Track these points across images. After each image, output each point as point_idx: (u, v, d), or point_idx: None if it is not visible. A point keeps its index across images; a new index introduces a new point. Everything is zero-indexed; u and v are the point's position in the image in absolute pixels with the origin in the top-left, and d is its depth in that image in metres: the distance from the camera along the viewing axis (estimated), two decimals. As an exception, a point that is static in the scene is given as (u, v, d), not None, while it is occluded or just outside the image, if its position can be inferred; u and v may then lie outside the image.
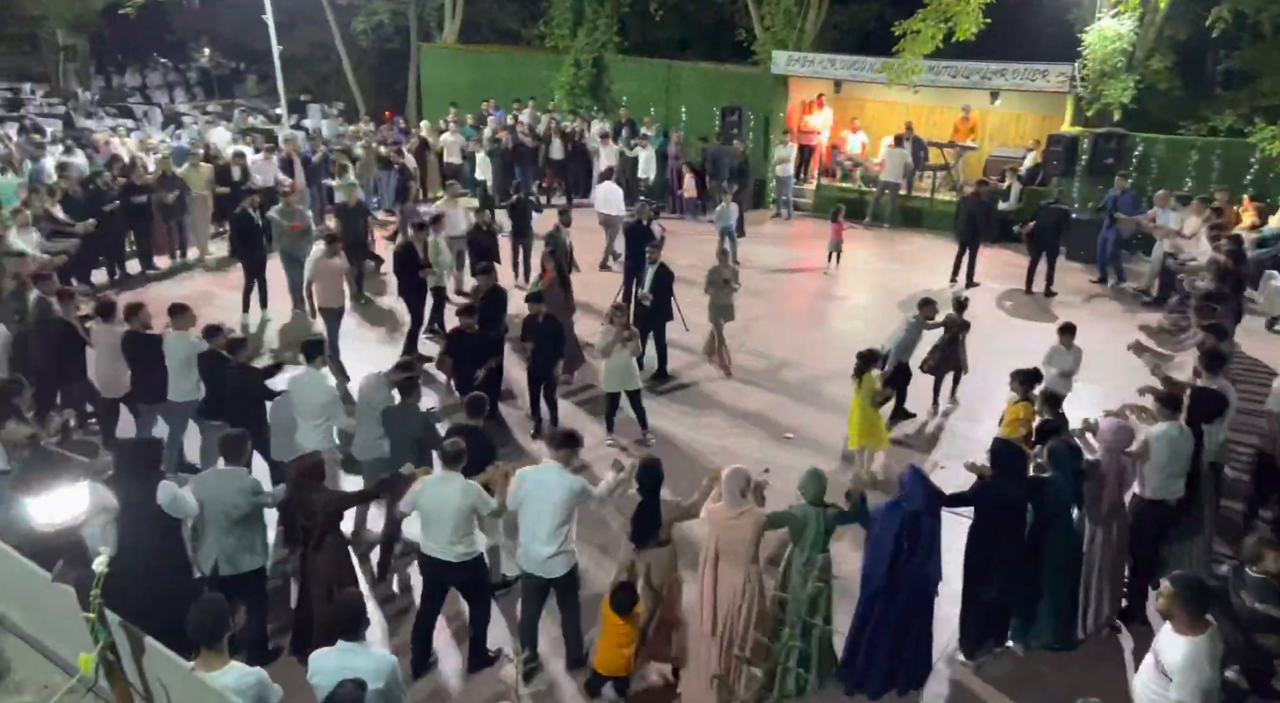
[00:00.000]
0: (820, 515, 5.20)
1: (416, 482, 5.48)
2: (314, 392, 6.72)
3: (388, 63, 25.65)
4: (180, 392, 7.47)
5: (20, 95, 24.48)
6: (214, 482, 5.48)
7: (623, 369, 8.20)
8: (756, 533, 5.07)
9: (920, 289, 12.99)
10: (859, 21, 20.41)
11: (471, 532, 5.42)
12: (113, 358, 7.71)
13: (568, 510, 5.32)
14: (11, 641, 4.35)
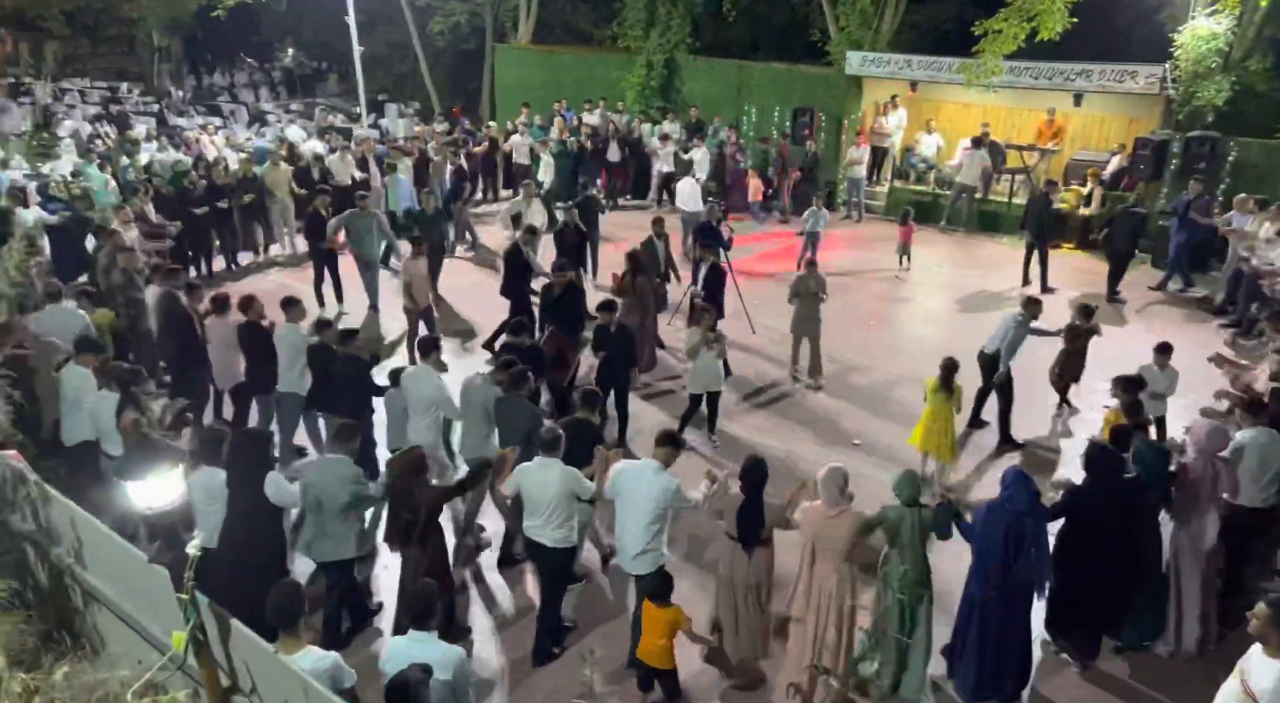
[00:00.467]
0: (915, 517, 5.19)
1: (516, 466, 5.65)
2: (425, 386, 6.83)
3: (463, 63, 26.11)
4: (288, 382, 7.72)
5: (118, 94, 25.62)
6: (319, 469, 5.66)
7: (709, 371, 8.21)
8: (853, 533, 5.11)
9: (993, 294, 12.83)
10: (936, 21, 20.02)
11: (571, 518, 5.56)
12: (226, 349, 8.03)
13: (660, 510, 5.34)
14: (107, 616, 4.60)
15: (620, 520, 5.49)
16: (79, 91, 25.13)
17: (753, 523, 5.27)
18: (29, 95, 24.53)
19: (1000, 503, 5.18)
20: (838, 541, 5.10)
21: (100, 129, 19.60)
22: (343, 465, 5.58)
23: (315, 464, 5.78)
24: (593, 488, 5.57)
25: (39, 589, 4.83)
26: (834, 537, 5.11)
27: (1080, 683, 5.69)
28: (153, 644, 4.33)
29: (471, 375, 6.92)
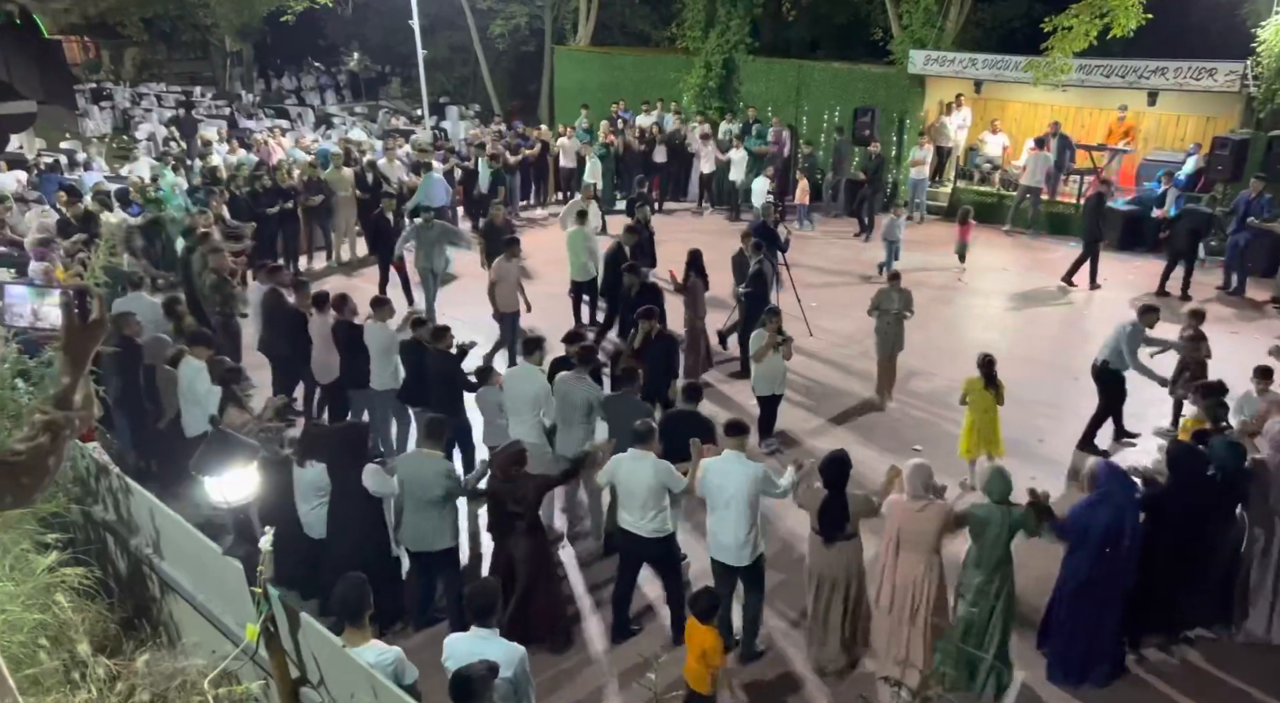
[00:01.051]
0: (1004, 515, 5.16)
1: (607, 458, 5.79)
2: (527, 385, 6.85)
3: (522, 65, 26.40)
4: (380, 380, 7.90)
5: (191, 98, 26.50)
6: (413, 463, 5.79)
7: (776, 373, 8.17)
8: (940, 526, 5.16)
9: (1058, 299, 12.50)
10: (1004, 19, 19.57)
11: (665, 509, 5.65)
12: (324, 346, 8.24)
13: (754, 497, 5.39)
14: (182, 606, 4.76)
15: (716, 516, 5.51)
16: (155, 96, 26.08)
17: (837, 517, 5.29)
18: (109, 99, 25.53)
19: (1098, 498, 5.21)
20: (924, 534, 5.15)
21: (173, 132, 20.29)
22: (434, 460, 5.72)
23: (407, 459, 5.92)
24: (685, 482, 5.63)
25: (119, 578, 5.02)
26: (920, 530, 5.16)
27: (1153, 670, 5.72)
28: (225, 634, 4.47)
29: (565, 376, 6.90)
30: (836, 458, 5.38)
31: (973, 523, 5.24)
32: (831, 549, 5.36)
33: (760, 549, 5.57)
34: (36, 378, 4.80)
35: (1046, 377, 9.87)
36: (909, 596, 5.26)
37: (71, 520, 4.95)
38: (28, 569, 3.75)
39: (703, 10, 19.41)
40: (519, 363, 7.10)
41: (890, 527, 5.30)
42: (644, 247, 10.86)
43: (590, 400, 6.71)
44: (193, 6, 26.37)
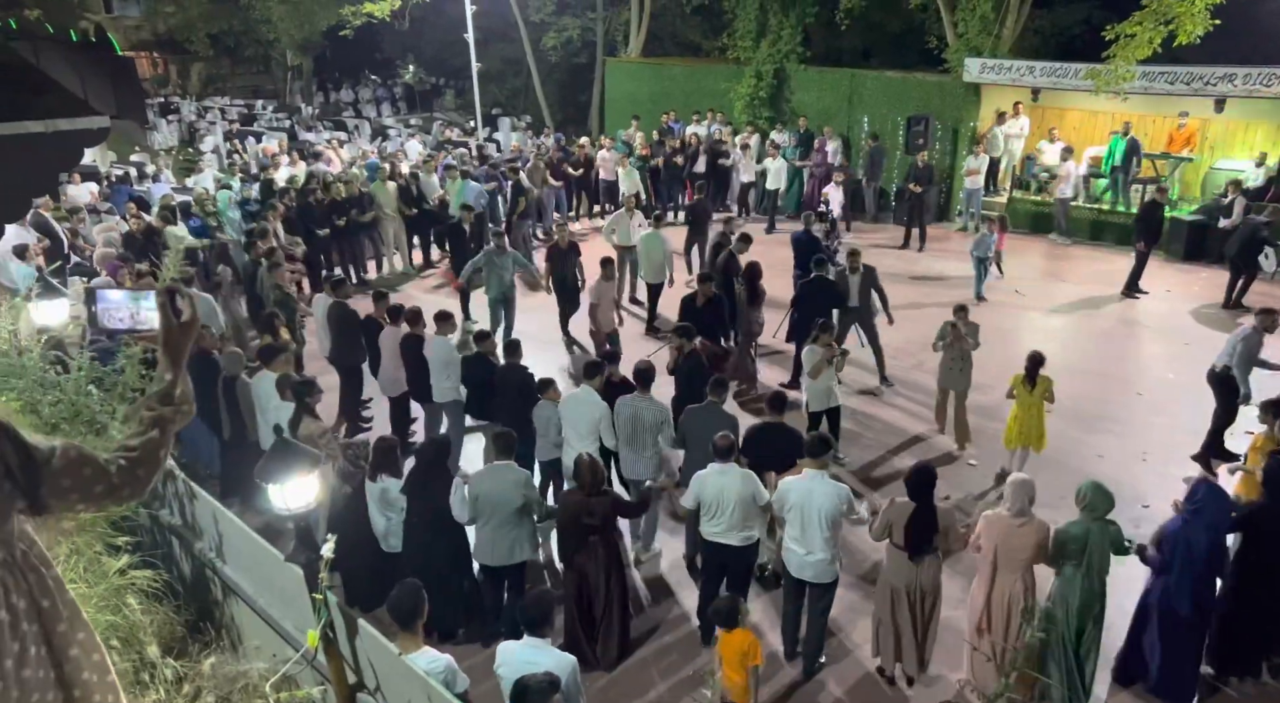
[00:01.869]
0: (1103, 532, 5.06)
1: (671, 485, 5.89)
2: (588, 409, 6.79)
3: (574, 76, 26.66)
4: (441, 392, 8.01)
5: (254, 111, 27.29)
6: (489, 478, 5.82)
7: (828, 389, 8.06)
8: (1039, 542, 5.10)
9: (1117, 308, 12.17)
10: (1063, 25, 19.18)
11: (754, 518, 5.70)
12: (393, 359, 8.36)
13: (836, 518, 5.39)
14: (243, 609, 4.87)
15: (795, 534, 5.50)
16: (219, 109, 26.90)
17: (925, 531, 5.22)
18: (175, 113, 26.41)
19: (1192, 515, 5.12)
20: (1023, 550, 5.09)
21: (235, 145, 20.88)
22: (510, 470, 5.80)
23: (483, 474, 5.93)
24: (769, 496, 5.66)
25: (183, 581, 5.16)
26: (1020, 546, 5.10)
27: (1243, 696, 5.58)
28: (284, 638, 4.57)
29: (632, 397, 6.80)
30: (923, 470, 5.33)
31: (1070, 540, 5.11)
32: (915, 564, 5.28)
33: (838, 569, 5.56)
34: (109, 385, 4.98)
35: (1106, 391, 9.64)
36: (1005, 613, 5.20)
37: (139, 524, 5.11)
38: (100, 571, 3.89)
39: (754, 20, 19.39)
40: (580, 386, 7.01)
41: (987, 544, 5.22)
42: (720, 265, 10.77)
43: (662, 420, 6.66)
44: (256, 22, 27.21)
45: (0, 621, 1.84)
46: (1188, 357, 9.91)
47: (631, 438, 6.75)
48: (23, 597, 1.90)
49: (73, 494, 1.94)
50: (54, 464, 1.89)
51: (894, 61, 20.38)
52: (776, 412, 6.39)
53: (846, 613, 6.23)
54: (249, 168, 16.44)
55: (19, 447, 1.86)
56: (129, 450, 2.06)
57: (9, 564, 1.89)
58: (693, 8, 22.53)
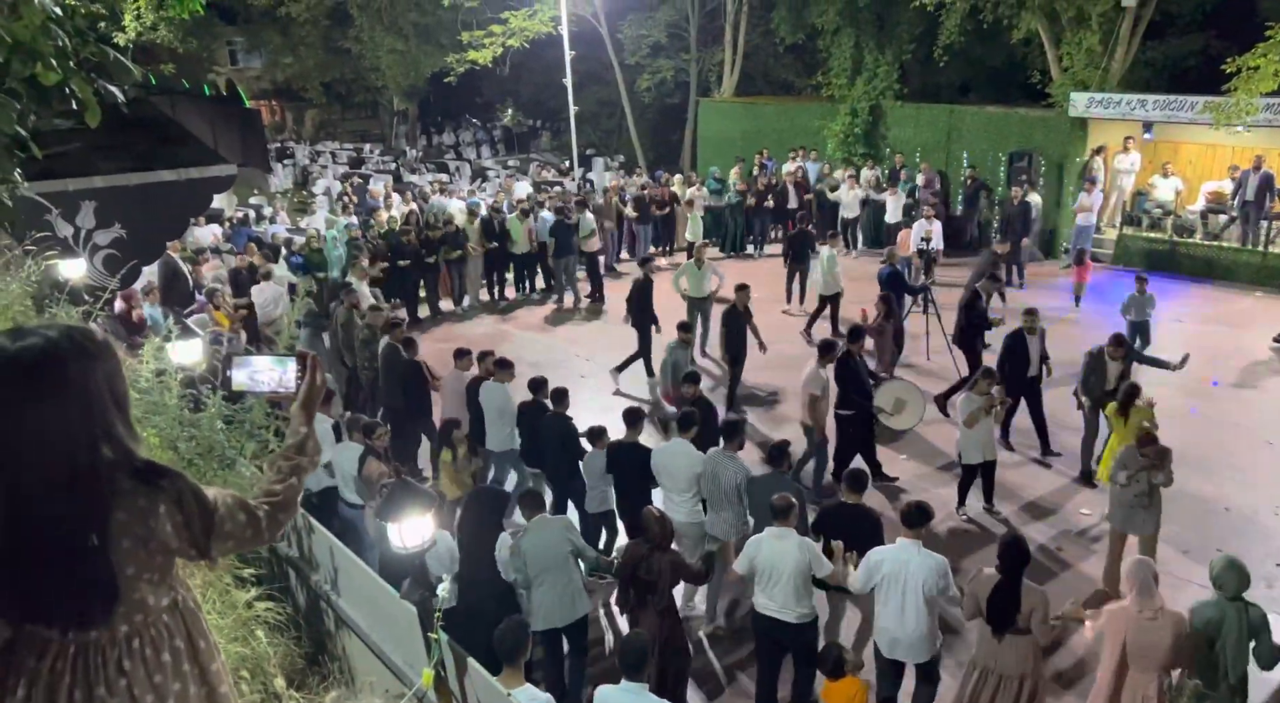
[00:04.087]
0: (1240, 614, 4.53)
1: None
2: (685, 461, 6.52)
3: (666, 116, 27.06)
4: (496, 440, 7.93)
5: (361, 154, 28.65)
6: (533, 533, 5.61)
7: (986, 439, 7.65)
8: (1178, 636, 4.52)
9: (1242, 354, 11.47)
10: (1176, 57, 18.44)
11: (810, 593, 5.37)
12: (456, 402, 8.28)
13: (931, 592, 5.07)
14: (355, 643, 5.03)
15: (889, 610, 5.17)
16: (330, 153, 28.33)
17: (1007, 607, 4.81)
18: (290, 157, 27.94)
19: None
20: (1158, 648, 4.52)
21: (347, 187, 21.89)
22: (551, 521, 5.70)
23: (525, 533, 5.68)
24: (830, 568, 5.36)
25: (300, 613, 5.36)
26: (1153, 644, 4.53)
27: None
28: (394, 673, 4.69)
29: (714, 452, 6.58)
30: (1015, 542, 4.92)
31: (1204, 625, 4.59)
32: (1002, 643, 4.86)
33: (938, 645, 5.22)
34: (238, 423, 5.26)
35: (1235, 440, 9.09)
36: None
37: (260, 556, 5.35)
38: (229, 603, 4.09)
39: (849, 58, 19.36)
40: (673, 438, 6.81)
41: (1113, 641, 4.70)
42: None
43: (738, 482, 6.37)
44: (366, 70, 28.66)
45: (165, 663, 1.97)
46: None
47: (711, 496, 6.49)
48: (183, 639, 2.03)
49: (231, 541, 2.08)
50: (219, 513, 2.02)
51: (994, 96, 19.99)
52: (855, 491, 5.90)
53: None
54: (359, 210, 17.20)
55: (199, 498, 1.99)
56: (272, 496, 2.20)
57: (173, 609, 2.02)
58: (786, 47, 22.65)
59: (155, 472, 1.97)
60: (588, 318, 14.51)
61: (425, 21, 26.82)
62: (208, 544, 2.01)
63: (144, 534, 1.92)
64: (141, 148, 8.51)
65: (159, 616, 1.99)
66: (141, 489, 1.93)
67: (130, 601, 1.91)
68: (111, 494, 1.88)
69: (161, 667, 1.97)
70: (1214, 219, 15.02)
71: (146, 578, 1.94)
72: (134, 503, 1.91)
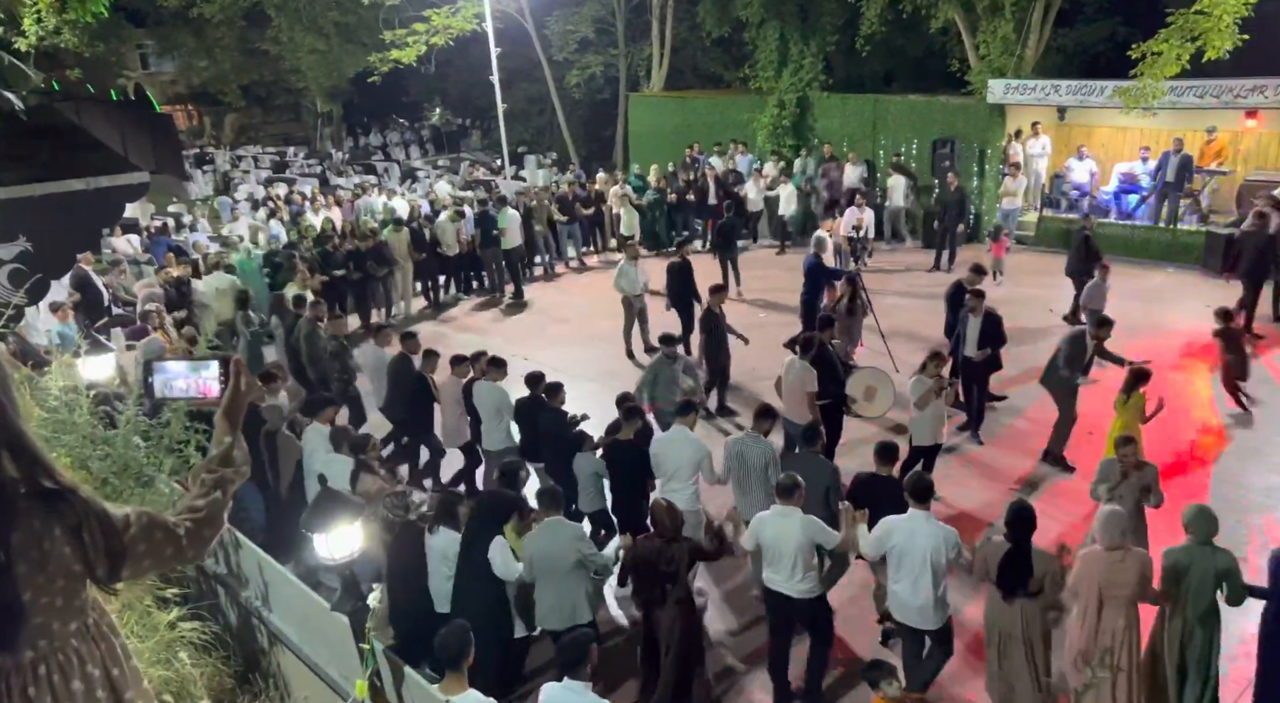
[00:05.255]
0: (1209, 559, 4.86)
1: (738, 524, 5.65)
2: (685, 449, 6.48)
3: (598, 112, 27.03)
4: (493, 441, 7.77)
5: (285, 158, 27.95)
6: (543, 535, 5.52)
7: (937, 421, 7.78)
8: (1142, 573, 4.91)
9: (1167, 329, 11.92)
10: (1087, 43, 19.11)
11: (815, 568, 5.45)
12: (456, 409, 8.10)
13: (943, 561, 5.18)
14: (289, 658, 4.90)
15: (901, 578, 5.29)
16: (253, 157, 27.59)
17: (1019, 571, 4.99)
18: (210, 163, 27.12)
19: None
20: (1125, 585, 4.90)
21: (271, 192, 21.35)
22: (563, 526, 5.57)
23: (536, 533, 5.59)
24: (837, 538, 5.46)
25: (230, 631, 5.20)
26: (1121, 581, 4.90)
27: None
28: (330, 686, 4.58)
29: (740, 436, 6.60)
30: (1022, 510, 5.07)
31: (1174, 569, 4.95)
32: (1012, 606, 5.05)
33: (949, 611, 5.36)
34: (155, 438, 5.07)
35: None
36: (1112, 652, 5.00)
37: (186, 575, 5.17)
38: (151, 625, 3.94)
39: (775, 50, 19.55)
40: (673, 427, 6.70)
41: (1088, 582, 5.00)
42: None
43: (768, 460, 6.36)
44: (286, 72, 27.96)
45: (75, 690, 1.88)
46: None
47: (741, 479, 6.47)
48: (96, 666, 1.93)
49: (146, 560, 1.99)
50: (130, 533, 1.93)
51: (916, 86, 20.42)
52: (886, 463, 6.00)
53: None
54: (282, 214, 16.75)
55: (102, 519, 1.90)
56: (195, 512, 2.11)
57: (83, 634, 1.92)
58: (713, 40, 22.79)
59: (53, 493, 1.88)
60: (527, 317, 14.39)
61: (346, 20, 26.28)
62: (116, 567, 1.91)
63: (39, 557, 1.83)
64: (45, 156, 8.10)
65: (67, 641, 1.90)
66: (37, 510, 1.84)
67: (33, 625, 1.82)
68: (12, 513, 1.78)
69: (71, 695, 1.89)
70: (1127, 199, 15.58)
71: (46, 603, 1.85)
72: (29, 524, 1.82)
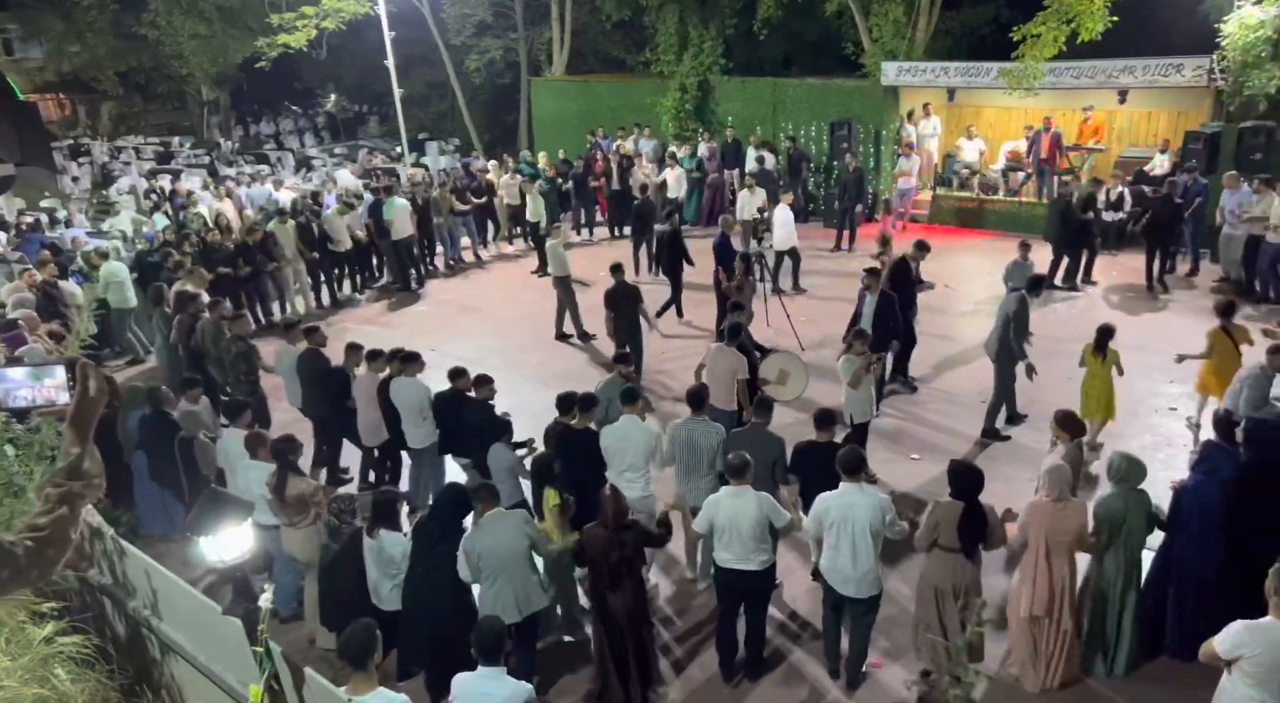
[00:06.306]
0: (1141, 503, 5.30)
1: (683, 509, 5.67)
2: (637, 437, 6.41)
3: (501, 97, 26.59)
4: (418, 437, 7.56)
5: (170, 148, 26.57)
6: (487, 530, 5.43)
7: (870, 398, 7.93)
8: (1082, 523, 5.26)
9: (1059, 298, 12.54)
10: (973, 26, 19.80)
11: (769, 541, 5.52)
12: (373, 406, 7.84)
13: (877, 530, 5.29)
14: (184, 667, 4.68)
15: (840, 552, 5.36)
16: (134, 149, 26.12)
17: (977, 530, 5.19)
18: (87, 155, 25.57)
19: (1205, 476, 5.38)
20: (1069, 534, 5.24)
21: (154, 185, 20.26)
22: (507, 517, 5.49)
23: (479, 530, 5.48)
24: (789, 517, 5.53)
25: (118, 643, 4.94)
26: (1065, 529, 5.23)
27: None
28: (229, 694, 4.40)
29: (686, 421, 6.52)
30: (970, 469, 5.28)
31: (1110, 515, 5.31)
32: (961, 564, 5.25)
33: (881, 582, 5.50)
34: (24, 444, 4.75)
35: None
36: (1057, 599, 5.31)
37: (67, 587, 4.88)
38: (25, 641, 3.69)
39: (675, 33, 19.60)
40: (622, 417, 6.59)
41: (1035, 532, 5.28)
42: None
43: (718, 443, 6.33)
44: (168, 58, 26.52)
45: None
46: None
47: (689, 463, 6.43)
48: None
49: None
50: None
51: (814, 69, 20.80)
52: (826, 430, 6.12)
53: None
54: (166, 207, 15.93)
55: None
56: (36, 530, 1.95)
57: None
58: (613, 24, 22.67)
59: None
60: (432, 308, 14.11)
61: (229, 4, 25.10)
62: None
63: None
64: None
65: None
66: None
67: None
68: None
69: None
70: (1013, 176, 16.27)
71: None
72: None
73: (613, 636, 5.48)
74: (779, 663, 6.00)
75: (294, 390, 8.74)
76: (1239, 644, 4.02)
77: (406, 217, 14.42)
